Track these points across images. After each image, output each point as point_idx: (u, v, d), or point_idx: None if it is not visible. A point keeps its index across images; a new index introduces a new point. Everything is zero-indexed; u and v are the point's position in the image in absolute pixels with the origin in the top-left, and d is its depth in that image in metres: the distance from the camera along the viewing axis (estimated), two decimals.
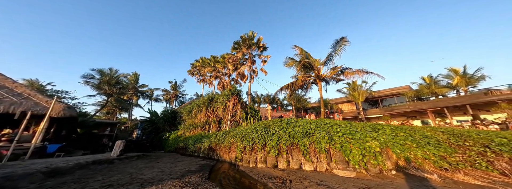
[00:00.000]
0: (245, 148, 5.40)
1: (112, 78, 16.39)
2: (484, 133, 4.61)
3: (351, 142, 4.18)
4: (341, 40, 8.46)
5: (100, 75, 15.90)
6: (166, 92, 30.57)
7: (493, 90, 12.23)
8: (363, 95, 17.83)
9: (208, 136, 8.54)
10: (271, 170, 4.39)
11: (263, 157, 4.99)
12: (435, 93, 15.78)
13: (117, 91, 17.57)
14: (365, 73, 8.56)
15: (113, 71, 16.85)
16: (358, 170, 3.78)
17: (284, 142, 4.77)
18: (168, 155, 8.32)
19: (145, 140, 16.87)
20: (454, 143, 4.26)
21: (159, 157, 6.87)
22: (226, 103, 11.10)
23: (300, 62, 9.04)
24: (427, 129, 4.94)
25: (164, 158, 6.48)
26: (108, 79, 16.13)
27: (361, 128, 4.80)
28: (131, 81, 24.35)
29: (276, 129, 5.44)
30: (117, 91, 18.05)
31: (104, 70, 16.18)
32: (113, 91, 17.14)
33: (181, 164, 4.92)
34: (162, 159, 6.31)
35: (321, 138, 4.50)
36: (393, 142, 4.13)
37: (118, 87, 17.71)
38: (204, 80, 21.51)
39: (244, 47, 12.61)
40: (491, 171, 3.30)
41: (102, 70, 16.02)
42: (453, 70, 16.08)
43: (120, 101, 20.57)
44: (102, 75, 15.96)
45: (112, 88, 16.89)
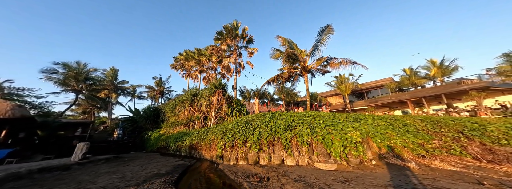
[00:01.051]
0: (226, 145, 5.09)
1: (80, 73, 14.71)
2: (458, 120, 4.79)
3: (333, 133, 4.05)
4: (327, 28, 8.28)
5: (65, 69, 14.16)
6: (150, 89, 28.74)
7: (465, 80, 13.21)
8: (349, 88, 18.35)
9: (189, 134, 8.10)
10: (251, 167, 4.15)
11: (244, 154, 4.73)
12: (415, 84, 16.75)
13: (88, 87, 15.94)
14: (350, 64, 8.58)
15: (82, 65, 15.06)
16: (339, 162, 3.68)
17: (266, 137, 4.53)
18: (145, 156, 7.74)
19: (127, 140, 15.90)
20: (431, 130, 4.35)
21: (132, 159, 6.31)
22: (210, 98, 10.58)
23: (285, 52, 8.74)
24: (406, 117, 5.01)
25: (137, 160, 5.95)
26: (75, 74, 14.46)
27: (344, 119, 4.71)
28: (109, 77, 22.37)
29: (258, 123, 5.18)
30: (88, 87, 16.40)
31: (69, 64, 14.43)
32: (83, 87, 15.52)
33: (153, 166, 4.48)
34: (135, 161, 5.78)
35: (303, 131, 4.33)
36: (374, 131, 4.09)
37: (89, 83, 16.05)
38: (189, 75, 20.45)
39: (228, 38, 11.83)
40: (464, 156, 3.38)
41: (67, 64, 14.26)
42: (431, 61, 17.09)
43: (92, 99, 18.63)
44: (68, 70, 14.23)
45: (81, 84, 15.27)
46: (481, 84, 11.82)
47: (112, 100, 23.69)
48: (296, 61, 9.15)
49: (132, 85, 27.00)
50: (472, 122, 4.53)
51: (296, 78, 10.32)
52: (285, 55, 8.71)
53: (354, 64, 8.52)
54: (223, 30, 11.59)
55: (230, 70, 12.33)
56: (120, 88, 24.22)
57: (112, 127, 21.13)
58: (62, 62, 14.01)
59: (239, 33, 11.80)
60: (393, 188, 2.22)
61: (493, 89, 11.87)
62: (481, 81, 12.33)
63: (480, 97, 11.24)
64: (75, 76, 14.40)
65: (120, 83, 23.96)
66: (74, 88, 15.12)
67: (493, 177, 2.57)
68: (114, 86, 22.84)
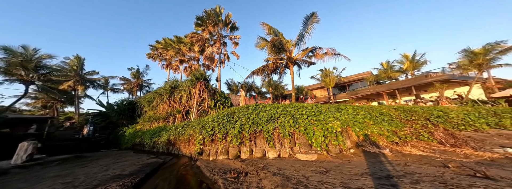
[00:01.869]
0: (204, 139, 4.79)
1: (29, 60, 12.36)
2: (426, 108, 5.20)
3: (315, 124, 4.04)
4: (312, 16, 8.10)
5: (8, 55, 11.76)
6: (126, 81, 25.98)
7: (431, 73, 14.68)
8: (333, 81, 19.13)
9: (167, 129, 7.62)
10: (231, 162, 3.96)
11: (225, 148, 4.51)
12: (390, 77, 18.17)
13: (41, 77, 13.59)
14: (334, 55, 8.71)
15: (30, 50, 12.56)
16: (320, 152, 3.71)
17: (247, 130, 4.34)
18: (116, 154, 7.06)
19: (99, 137, 14.56)
20: (403, 118, 4.64)
21: (98, 158, 5.63)
22: (191, 90, 9.94)
23: (270, 41, 8.39)
24: (383, 107, 5.28)
25: (103, 159, 5.32)
26: (22, 61, 12.11)
27: (326, 110, 4.74)
28: (73, 66, 19.50)
29: (239, 116, 4.94)
30: (42, 77, 14.03)
31: (12, 49, 11.93)
32: (34, 77, 13.19)
33: (118, 166, 3.99)
34: (100, 160, 5.15)
35: (285, 122, 4.24)
36: (353, 121, 4.19)
37: (42, 72, 13.71)
38: (169, 66, 18.88)
39: (210, 25, 10.74)
40: (431, 141, 3.66)
41: (9, 48, 11.65)
42: (405, 55, 18.55)
43: (49, 91, 15.95)
44: (11, 55, 11.84)
45: (31, 73, 12.94)
46: (443, 77, 13.28)
47: (79, 93, 20.73)
48: (281, 51, 8.90)
49: (104, 76, 24.07)
50: (438, 110, 4.97)
51: (282, 69, 10.16)
52: (270, 43, 8.36)
53: (338, 55, 8.67)
54: (204, 15, 10.53)
55: (214, 60, 11.50)
56: (88, 80, 21.25)
57: (81, 123, 18.96)
58: (2, 46, 11.50)
59: (222, 19, 10.88)
60: (369, 176, 2.23)
61: (453, 81, 13.47)
62: (444, 74, 13.86)
63: (443, 88, 12.67)
64: (21, 63, 12.06)
65: (88, 73, 21.09)
66: (22, 78, 12.74)
67: (455, 159, 2.79)
68: (80, 77, 19.88)
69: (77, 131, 17.22)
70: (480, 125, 4.52)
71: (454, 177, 2.01)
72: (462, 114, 4.86)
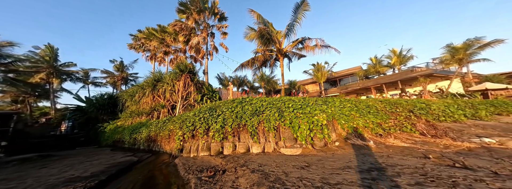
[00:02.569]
0: (185, 135, 4.51)
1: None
2: (410, 101, 5.31)
3: (301, 117, 3.92)
4: (302, 3, 7.78)
5: None
6: (109, 74, 24.13)
7: (416, 68, 15.31)
8: (325, 76, 19.36)
9: (147, 125, 7.19)
10: (212, 158, 3.76)
11: (206, 144, 4.28)
12: (379, 72, 18.78)
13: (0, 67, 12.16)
14: (324, 47, 8.61)
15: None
16: (305, 146, 3.62)
17: (230, 124, 4.13)
18: (90, 152, 6.60)
19: (79, 133, 13.72)
20: (389, 110, 4.68)
21: (67, 157, 5.17)
22: (175, 83, 9.42)
23: (257, 30, 8.01)
24: (370, 100, 5.31)
25: (72, 158, 4.89)
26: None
27: (313, 102, 4.64)
28: (45, 57, 17.63)
29: (223, 109, 4.69)
30: (3, 68, 12.55)
31: None
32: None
33: (83, 166, 3.63)
34: (67, 159, 4.71)
35: (270, 116, 4.07)
36: (340, 113, 4.13)
37: (2, 62, 12.15)
38: (153, 57, 17.74)
39: (194, 12, 9.96)
40: (413, 132, 3.71)
41: None
42: (393, 50, 19.14)
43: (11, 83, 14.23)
44: None
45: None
46: (427, 72, 13.91)
47: (55, 86, 18.97)
48: (270, 42, 8.56)
49: (83, 68, 22.30)
50: (421, 103, 5.09)
51: (272, 62, 9.89)
52: (258, 33, 7.97)
53: (328, 47, 8.58)
54: (188, 0, 9.67)
55: (200, 52, 10.87)
56: (65, 72, 19.49)
57: (58, 119, 17.54)
58: None
59: (209, 7, 10.11)
60: (351, 169, 2.14)
61: (436, 76, 14.18)
62: (427, 69, 14.52)
63: (426, 82, 13.30)
64: None
65: (64, 65, 19.19)
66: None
67: (435, 150, 2.82)
68: (54, 69, 18.04)
69: (54, 128, 16.10)
70: (459, 116, 4.71)
71: (434, 168, 1.97)
72: (443, 106, 5.03)
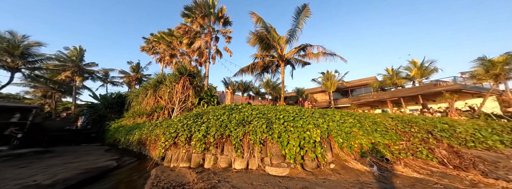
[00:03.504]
0: (166, 142, 4.28)
1: (15, 46, 12.21)
2: (429, 120, 4.58)
3: (291, 131, 3.49)
4: (304, 9, 7.57)
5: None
6: (125, 74, 26.07)
7: (441, 82, 13.93)
8: (334, 85, 18.52)
9: (140, 127, 7.19)
10: (189, 172, 3.43)
11: (187, 154, 3.99)
12: (396, 84, 17.45)
13: (27, 65, 13.46)
14: (329, 55, 8.17)
15: (18, 37, 12.59)
16: (293, 166, 3.15)
17: (213, 133, 3.82)
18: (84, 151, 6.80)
19: (91, 129, 14.51)
20: (401, 129, 4.04)
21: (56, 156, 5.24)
22: (174, 85, 9.56)
23: (256, 34, 7.87)
24: (378, 115, 4.69)
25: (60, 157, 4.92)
26: (7, 47, 11.99)
27: (309, 114, 4.19)
28: (71, 57, 19.74)
29: (209, 117, 4.42)
30: (29, 65, 13.80)
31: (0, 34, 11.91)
32: (19, 64, 13.13)
33: (58, 169, 3.53)
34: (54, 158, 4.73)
35: (258, 127, 3.70)
36: (338, 129, 3.62)
37: (29, 59, 13.46)
38: (161, 60, 18.68)
39: (198, 16, 10.32)
40: (430, 160, 3.06)
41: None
42: (413, 62, 17.83)
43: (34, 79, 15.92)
44: None
45: (16, 60, 12.78)
46: (454, 87, 12.53)
47: (77, 83, 20.89)
48: (271, 47, 8.38)
49: (104, 68, 24.40)
50: (443, 123, 4.35)
51: (274, 68, 9.65)
52: (255, 36, 7.83)
53: (333, 55, 8.12)
54: (193, 5, 10.07)
55: (203, 55, 11.08)
56: (87, 71, 21.46)
57: (76, 114, 18.99)
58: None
59: (214, 12, 10.42)
60: None
61: (465, 92, 12.69)
62: (455, 84, 13.10)
63: (453, 99, 11.91)
64: (6, 49, 11.95)
65: (87, 65, 21.32)
66: (8, 64, 12.65)
67: (458, 187, 2.20)
68: (78, 68, 19.99)
69: (72, 122, 17.32)
70: (493, 143, 3.89)
71: None
72: (472, 128, 4.23)
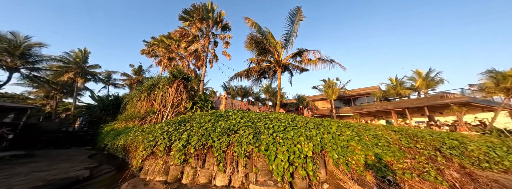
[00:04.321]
0: (144, 151, 3.96)
1: (16, 46, 12.45)
2: (437, 135, 4.21)
3: (280, 143, 3.17)
4: (297, 12, 7.52)
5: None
6: (126, 77, 26.41)
7: (448, 94, 13.56)
8: (336, 93, 18.25)
9: (127, 132, 6.91)
10: (163, 188, 3.07)
11: (165, 166, 3.64)
12: (400, 94, 17.10)
13: (27, 65, 13.63)
14: (328, 62, 7.99)
15: (20, 37, 12.90)
16: (280, 185, 2.79)
17: (195, 143, 3.50)
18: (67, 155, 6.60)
19: (88, 131, 14.17)
20: (405, 145, 3.68)
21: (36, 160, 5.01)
22: (168, 89, 9.42)
23: (251, 38, 7.79)
24: (379, 128, 4.35)
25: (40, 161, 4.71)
26: (7, 47, 12.20)
27: (302, 124, 3.89)
28: (76, 58, 20.39)
29: (193, 124, 4.13)
30: (29, 65, 14.02)
31: (2, 34, 12.19)
32: (18, 64, 13.26)
33: (15, 180, 3.19)
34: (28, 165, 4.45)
35: (243, 137, 3.39)
36: (333, 143, 3.28)
37: (29, 60, 13.70)
38: (161, 63, 18.83)
39: (196, 19, 10.37)
40: (440, 183, 2.68)
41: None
42: (417, 72, 17.63)
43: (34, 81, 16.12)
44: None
45: (16, 60, 12.90)
46: (463, 99, 12.14)
47: (79, 85, 21.20)
48: (267, 52, 8.27)
49: (107, 70, 25.05)
50: (452, 139, 3.99)
51: (271, 74, 9.48)
52: (249, 40, 7.74)
53: (332, 62, 7.94)
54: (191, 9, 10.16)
55: (200, 59, 11.03)
56: (90, 73, 21.90)
57: (74, 115, 18.94)
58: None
59: (212, 16, 10.52)
60: None
61: (474, 105, 12.26)
62: (463, 96, 12.72)
63: (461, 112, 11.47)
64: (6, 49, 12.15)
65: (91, 67, 21.88)
66: (7, 64, 12.69)
67: None
68: (82, 70, 20.47)
69: (70, 124, 16.95)
70: (511, 164, 3.49)
71: None
72: (485, 146, 3.86)
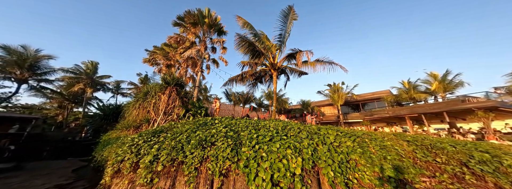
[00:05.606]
0: (109, 168, 3.56)
1: (25, 58, 13.30)
2: (461, 145, 3.57)
3: (263, 157, 2.70)
4: (290, 11, 7.25)
5: (7, 53, 12.82)
6: (133, 86, 27.50)
7: (470, 98, 12.60)
8: (343, 98, 17.56)
9: (112, 143, 6.65)
10: None
11: (132, 186, 3.20)
12: (414, 98, 16.13)
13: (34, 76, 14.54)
14: (327, 63, 7.52)
15: (31, 50, 13.90)
16: None
17: (163, 158, 3.08)
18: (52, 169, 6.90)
19: (92, 140, 14.62)
20: (421, 158, 3.08)
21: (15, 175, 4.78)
22: (160, 96, 9.31)
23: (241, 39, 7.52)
24: (388, 137, 3.77)
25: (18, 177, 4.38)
26: (17, 60, 13.02)
27: (294, 133, 3.42)
28: (86, 70, 22.44)
29: (168, 135, 3.74)
30: (36, 77, 14.99)
31: (11, 47, 13.08)
32: (26, 76, 13.94)
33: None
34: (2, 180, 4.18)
35: (220, 151, 2.94)
36: (328, 156, 2.76)
37: (37, 72, 14.70)
38: (161, 70, 19.20)
39: (189, 24, 10.43)
40: None
41: (8, 47, 12.91)
42: (432, 74, 16.76)
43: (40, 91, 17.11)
44: (9, 54, 12.86)
45: (24, 72, 13.73)
46: (488, 104, 11.18)
47: (88, 94, 22.70)
48: (260, 54, 7.95)
49: (116, 80, 26.91)
50: (481, 151, 3.35)
51: (268, 77, 9.15)
52: (238, 40, 7.49)
53: (331, 64, 7.48)
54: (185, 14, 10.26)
55: (197, 65, 10.96)
56: (99, 83, 23.60)
57: (82, 124, 19.79)
58: (2, 45, 12.64)
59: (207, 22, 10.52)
60: None
61: (503, 110, 11.22)
62: (489, 100, 11.75)
63: (488, 118, 10.47)
64: (16, 61, 13.02)
65: (101, 77, 23.67)
66: (16, 76, 13.52)
67: None
68: (91, 80, 22.21)
69: (77, 133, 17.68)
70: None
71: None
72: None
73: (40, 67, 14.78)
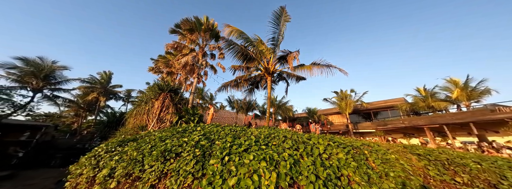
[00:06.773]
0: (76, 181, 3.25)
1: (41, 69, 14.50)
2: (489, 162, 2.97)
3: (231, 172, 2.30)
4: (282, 12, 7.12)
5: (25, 64, 14.02)
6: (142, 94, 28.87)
7: (501, 107, 11.49)
8: (350, 106, 16.76)
9: None
10: None
11: None
12: (433, 107, 15.01)
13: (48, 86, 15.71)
14: (325, 67, 7.13)
15: (48, 62, 15.26)
16: None
17: (118, 173, 2.73)
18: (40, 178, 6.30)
19: None
20: (435, 176, 2.54)
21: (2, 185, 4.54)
22: (154, 102, 9.33)
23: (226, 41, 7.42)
24: (394, 148, 3.24)
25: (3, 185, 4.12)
26: (33, 70, 14.20)
27: (277, 142, 3.01)
28: (101, 80, 24.13)
29: (134, 144, 3.44)
30: (50, 86, 16.24)
31: (29, 59, 14.32)
32: (41, 85, 15.12)
33: None
34: None
35: (183, 163, 2.58)
36: (311, 171, 2.30)
37: (52, 81, 15.97)
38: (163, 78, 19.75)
39: (186, 31, 10.64)
40: None
41: (26, 59, 14.15)
42: (453, 81, 15.74)
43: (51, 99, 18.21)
44: (28, 65, 14.08)
45: (40, 82, 14.89)
46: None
47: (101, 103, 24.33)
48: (251, 58, 7.77)
49: (127, 89, 28.78)
50: None
51: (263, 83, 8.90)
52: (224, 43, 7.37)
53: (329, 67, 7.10)
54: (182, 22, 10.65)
55: (194, 71, 11.05)
56: (111, 92, 25.29)
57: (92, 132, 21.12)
58: (22, 57, 13.81)
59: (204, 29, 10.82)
60: None
61: None
62: None
63: None
64: (33, 72, 14.23)
65: (113, 87, 25.46)
66: (33, 86, 14.62)
67: None
68: (104, 89, 23.96)
69: (88, 140, 18.49)
70: None
71: None
72: None
73: (55, 77, 16.15)
